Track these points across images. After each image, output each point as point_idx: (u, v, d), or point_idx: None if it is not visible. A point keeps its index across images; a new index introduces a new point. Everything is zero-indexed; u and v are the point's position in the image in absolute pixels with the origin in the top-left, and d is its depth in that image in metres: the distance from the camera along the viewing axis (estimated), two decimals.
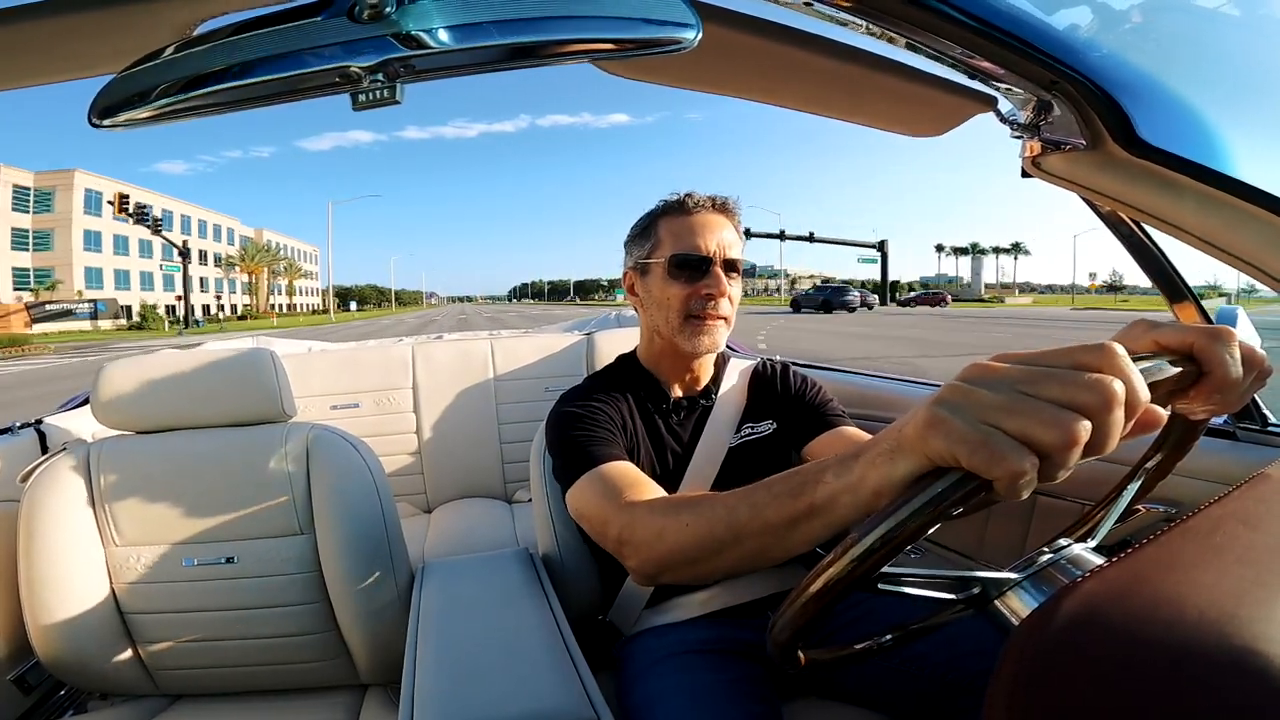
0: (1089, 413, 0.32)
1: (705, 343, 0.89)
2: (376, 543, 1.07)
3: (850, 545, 0.37)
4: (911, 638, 0.53)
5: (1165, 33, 0.62)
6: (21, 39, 0.46)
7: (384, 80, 0.41)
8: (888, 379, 1.74)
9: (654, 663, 0.86)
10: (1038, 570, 0.46)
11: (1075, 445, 0.31)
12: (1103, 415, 0.32)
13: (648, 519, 0.65)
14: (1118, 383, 0.32)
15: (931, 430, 0.35)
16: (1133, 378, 0.33)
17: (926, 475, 0.35)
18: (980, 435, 0.33)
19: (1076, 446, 0.31)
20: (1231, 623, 0.28)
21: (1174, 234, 0.63)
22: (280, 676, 1.13)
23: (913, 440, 0.36)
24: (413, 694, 0.70)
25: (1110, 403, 0.32)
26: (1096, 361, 0.33)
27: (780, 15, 0.55)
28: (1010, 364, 0.35)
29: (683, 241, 0.89)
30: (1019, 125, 0.65)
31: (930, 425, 0.35)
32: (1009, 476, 0.32)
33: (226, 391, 1.07)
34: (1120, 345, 0.34)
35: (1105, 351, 0.33)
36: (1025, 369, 0.34)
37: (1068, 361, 0.34)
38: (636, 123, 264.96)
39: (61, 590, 1.01)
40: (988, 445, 0.32)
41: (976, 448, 0.33)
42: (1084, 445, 0.32)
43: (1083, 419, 0.31)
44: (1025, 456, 0.32)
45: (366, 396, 2.11)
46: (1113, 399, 0.32)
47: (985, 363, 0.36)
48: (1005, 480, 0.32)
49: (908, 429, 0.37)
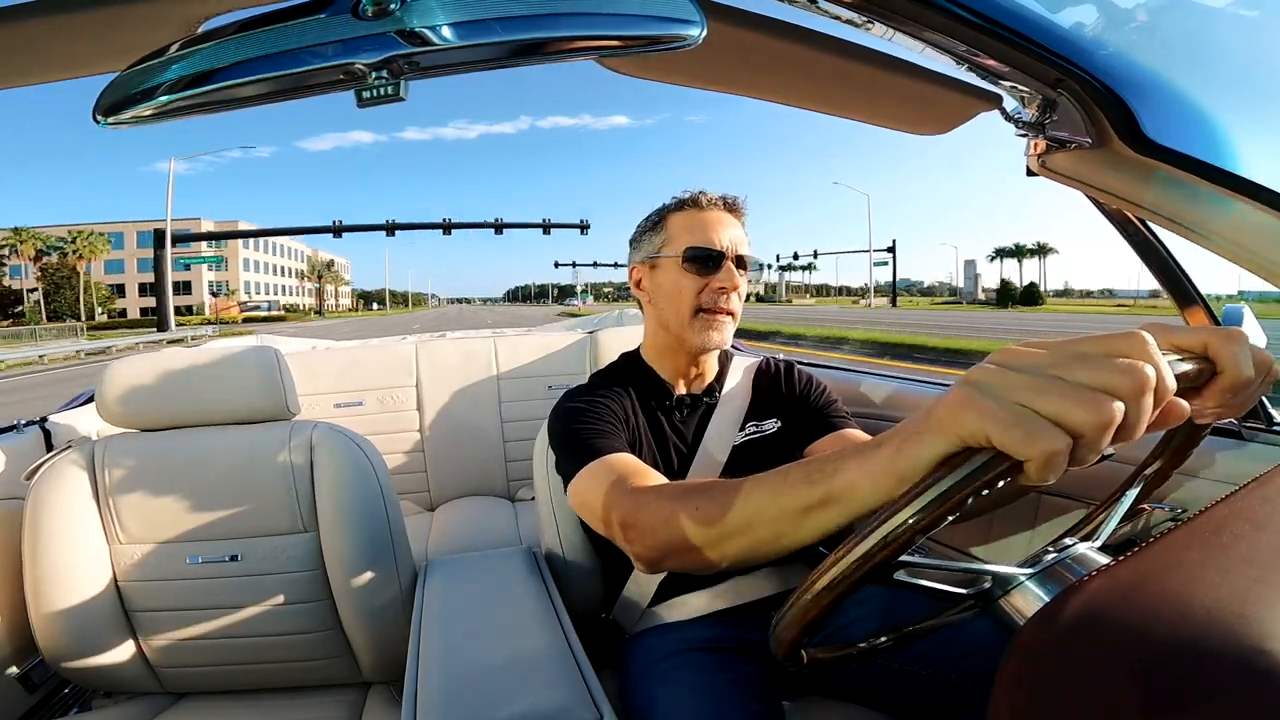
0: (1122, 395, 0.32)
1: (715, 338, 0.90)
2: (380, 541, 1.07)
3: (870, 531, 0.36)
4: (914, 637, 0.53)
5: (1171, 30, 0.62)
6: (27, 37, 0.46)
7: (388, 77, 0.41)
8: (891, 378, 1.73)
9: (657, 661, 0.86)
10: (1044, 569, 0.46)
11: (1108, 426, 0.32)
12: (1135, 399, 0.32)
13: (655, 503, 0.64)
14: (1150, 368, 0.32)
15: (964, 409, 0.34)
16: (1162, 365, 0.33)
17: (957, 454, 0.35)
18: (1014, 414, 0.33)
19: (1110, 428, 0.32)
20: (1238, 622, 0.28)
21: (1180, 232, 0.62)
22: (283, 674, 1.14)
23: (943, 419, 0.36)
24: (415, 692, 0.70)
25: (1143, 386, 0.32)
26: (1128, 347, 0.33)
27: (785, 13, 0.55)
28: (1043, 348, 0.35)
29: (696, 236, 0.90)
30: (1024, 123, 0.65)
31: (963, 404, 0.35)
32: (1042, 456, 0.32)
33: (231, 390, 1.07)
34: (1149, 334, 0.34)
35: (1137, 339, 0.33)
36: (1057, 353, 0.34)
37: (1100, 348, 0.34)
38: (636, 125, 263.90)
39: (66, 588, 1.02)
40: (1021, 424, 0.32)
41: (1010, 426, 0.32)
42: (1115, 429, 0.32)
43: (1116, 401, 0.32)
44: (1059, 437, 0.32)
45: (370, 395, 2.12)
46: (1145, 383, 0.32)
47: (1017, 347, 0.36)
48: (1038, 460, 0.32)
49: (938, 409, 0.36)
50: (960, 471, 0.34)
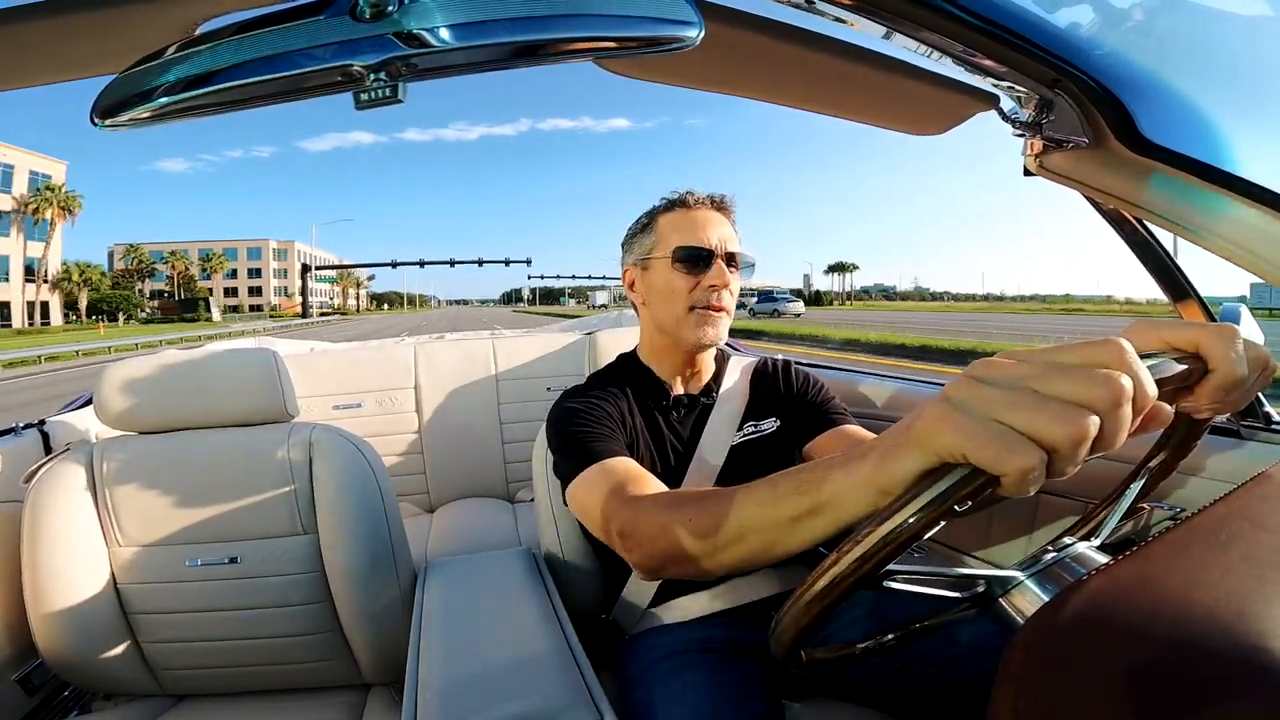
0: (1097, 408, 0.32)
1: (710, 334, 0.91)
2: (379, 543, 1.07)
3: (854, 544, 0.37)
4: (915, 637, 0.53)
5: (1167, 30, 0.62)
6: (24, 39, 0.46)
7: (386, 79, 0.41)
8: (889, 378, 1.73)
9: (657, 662, 0.86)
10: (1043, 568, 0.46)
11: (1083, 441, 0.31)
12: (1111, 411, 0.32)
13: (651, 513, 0.65)
14: (1126, 378, 0.32)
15: (940, 425, 0.35)
16: (1140, 374, 0.33)
17: (934, 470, 0.35)
18: (988, 431, 0.33)
19: (1085, 443, 0.31)
20: (1239, 620, 0.28)
21: (1176, 231, 0.63)
22: (283, 676, 1.13)
23: (921, 436, 0.36)
24: (416, 693, 0.70)
25: (1118, 399, 0.32)
26: (1104, 357, 0.33)
27: (782, 13, 0.55)
28: (1018, 360, 0.35)
29: (686, 236, 0.90)
30: (1021, 123, 0.65)
31: (938, 420, 0.35)
32: (1016, 473, 0.32)
33: (229, 392, 1.07)
34: (1128, 341, 0.34)
35: (1114, 347, 0.33)
36: (1033, 365, 0.34)
37: (1075, 358, 0.34)
38: (636, 128, 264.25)
39: (65, 590, 1.02)
40: (995, 441, 0.32)
41: (984, 443, 0.32)
42: (1092, 441, 0.32)
43: (1091, 415, 0.31)
44: (1033, 452, 0.32)
45: (369, 397, 2.12)
46: (1121, 395, 0.32)
47: (994, 359, 0.36)
48: (1013, 476, 0.32)
49: (916, 424, 0.37)
50: (938, 487, 0.34)
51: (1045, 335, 14.63)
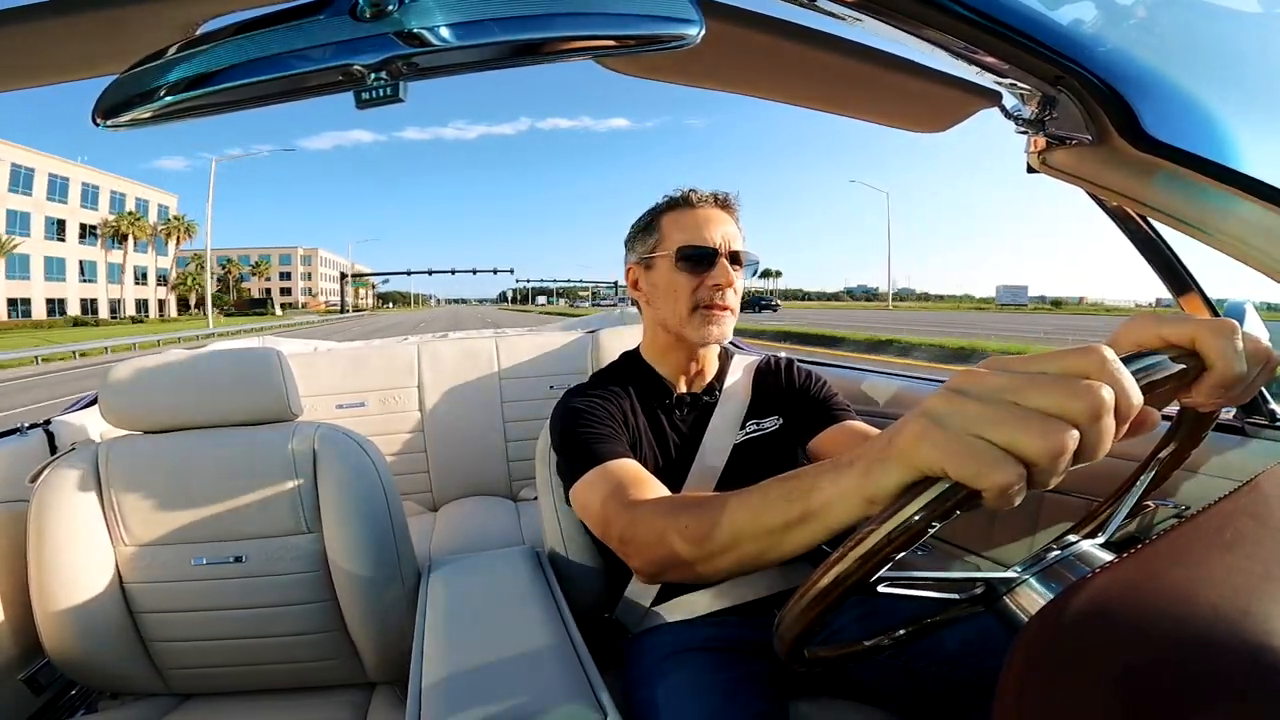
0: (1077, 421, 0.31)
1: (714, 332, 0.90)
2: (383, 541, 1.08)
3: (854, 544, 0.37)
4: (918, 635, 0.53)
5: (1170, 27, 0.62)
6: (25, 39, 0.46)
7: (387, 78, 0.41)
8: (891, 375, 1.73)
9: (660, 660, 0.86)
10: (1047, 567, 0.46)
11: (1062, 455, 0.31)
12: (1090, 424, 0.31)
13: (649, 520, 0.65)
14: (1106, 389, 0.31)
15: (920, 441, 0.35)
16: (1123, 382, 0.32)
17: (917, 484, 0.35)
18: (968, 449, 0.32)
19: (1064, 456, 0.31)
20: (1244, 618, 0.28)
21: (1181, 228, 0.62)
22: (288, 675, 1.14)
23: (901, 451, 0.36)
24: (420, 692, 0.70)
25: (1098, 411, 0.31)
26: (1085, 367, 0.33)
27: (783, 11, 0.55)
28: (1000, 370, 0.35)
29: (689, 235, 0.90)
30: (1024, 120, 0.65)
31: (919, 436, 0.35)
32: (996, 488, 0.32)
33: (233, 391, 1.07)
34: (1109, 349, 0.33)
35: (1094, 356, 0.33)
36: (1013, 376, 0.34)
37: (1056, 367, 0.33)
38: (636, 127, 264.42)
39: (71, 590, 1.02)
40: (975, 457, 0.32)
41: (964, 460, 0.32)
42: (1072, 453, 0.31)
43: (1070, 428, 0.31)
44: (1012, 468, 0.31)
45: (372, 396, 2.12)
46: (1100, 407, 0.31)
47: (976, 370, 0.36)
48: (993, 491, 0.32)
49: (898, 439, 0.37)
50: (921, 500, 0.34)
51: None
